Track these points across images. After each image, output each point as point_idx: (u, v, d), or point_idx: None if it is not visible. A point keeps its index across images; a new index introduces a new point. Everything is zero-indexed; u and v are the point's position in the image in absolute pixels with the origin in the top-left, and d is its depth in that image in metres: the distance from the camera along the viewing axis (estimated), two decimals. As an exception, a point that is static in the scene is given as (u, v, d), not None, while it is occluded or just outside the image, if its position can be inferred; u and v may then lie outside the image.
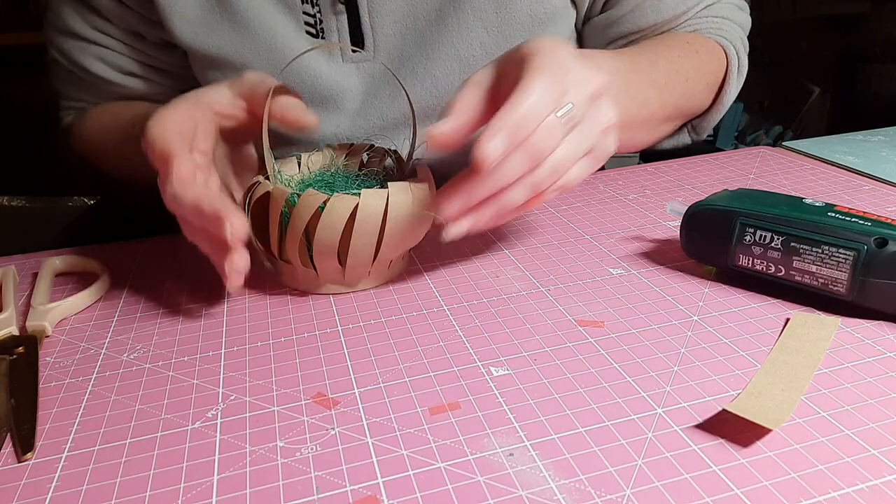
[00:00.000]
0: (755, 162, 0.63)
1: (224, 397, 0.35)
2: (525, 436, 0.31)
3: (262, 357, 0.38)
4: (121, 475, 0.30)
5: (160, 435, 0.32)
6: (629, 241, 0.49)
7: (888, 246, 0.36)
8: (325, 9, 0.56)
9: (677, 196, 0.56)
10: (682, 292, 0.42)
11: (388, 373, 0.36)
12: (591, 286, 0.43)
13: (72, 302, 0.44)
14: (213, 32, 0.57)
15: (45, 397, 0.36)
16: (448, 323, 0.40)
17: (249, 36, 0.56)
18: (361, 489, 0.28)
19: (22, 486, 0.30)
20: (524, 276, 0.45)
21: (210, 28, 0.57)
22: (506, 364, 0.36)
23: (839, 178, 0.58)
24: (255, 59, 0.57)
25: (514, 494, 0.27)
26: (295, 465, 0.30)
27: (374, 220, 0.40)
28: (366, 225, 0.40)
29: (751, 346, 0.36)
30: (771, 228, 0.39)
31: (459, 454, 0.30)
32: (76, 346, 0.40)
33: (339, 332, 0.40)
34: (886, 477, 0.27)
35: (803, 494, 0.27)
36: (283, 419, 0.33)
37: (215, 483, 0.29)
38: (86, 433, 0.33)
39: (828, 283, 0.38)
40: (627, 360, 0.35)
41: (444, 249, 0.49)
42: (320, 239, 0.40)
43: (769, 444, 0.29)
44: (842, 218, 0.38)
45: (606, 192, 0.58)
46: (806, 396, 0.32)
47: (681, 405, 0.32)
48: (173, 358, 0.38)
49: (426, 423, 0.32)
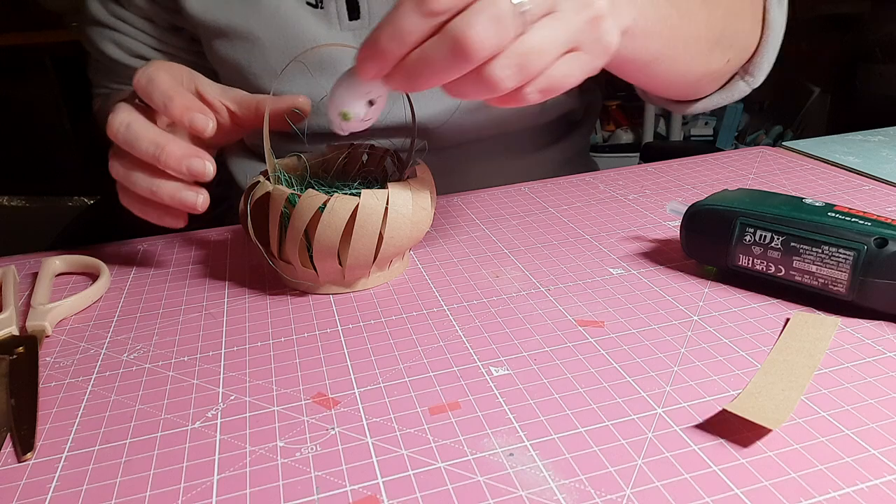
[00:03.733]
0: (755, 162, 0.63)
1: (224, 397, 0.35)
2: (525, 436, 0.31)
3: (262, 357, 0.38)
4: (121, 475, 0.30)
5: (160, 435, 0.32)
6: (629, 241, 0.49)
7: (888, 246, 0.36)
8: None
9: (677, 196, 0.56)
10: (682, 292, 0.42)
11: (388, 373, 0.36)
12: (591, 286, 0.43)
13: (72, 302, 0.43)
14: (222, 4, 0.60)
15: (45, 397, 0.36)
16: (448, 323, 0.40)
17: (255, 6, 0.60)
18: (361, 489, 0.28)
19: (22, 486, 0.30)
20: (524, 276, 0.45)
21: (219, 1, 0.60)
22: (506, 364, 0.36)
23: (839, 178, 0.58)
24: (262, 29, 0.60)
25: (514, 494, 0.27)
26: (295, 465, 0.30)
27: (374, 220, 0.40)
28: (366, 225, 0.40)
29: (751, 346, 0.36)
30: (771, 228, 0.39)
31: (459, 454, 0.30)
32: (76, 346, 0.40)
33: (339, 332, 0.40)
34: (886, 477, 0.27)
35: (803, 494, 0.27)
36: (283, 419, 0.33)
37: (215, 483, 0.29)
38: (86, 433, 0.33)
39: (828, 283, 0.38)
40: (627, 360, 0.35)
41: (444, 249, 0.49)
42: (320, 239, 0.40)
43: (769, 444, 0.29)
44: (842, 218, 0.38)
45: (606, 192, 0.58)
46: (806, 396, 0.32)
47: (681, 405, 0.32)
48: (173, 358, 0.38)
49: (426, 423, 0.32)
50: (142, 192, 0.43)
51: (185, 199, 0.42)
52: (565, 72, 0.35)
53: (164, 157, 0.41)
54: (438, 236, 0.52)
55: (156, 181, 0.42)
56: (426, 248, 0.50)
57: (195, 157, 0.41)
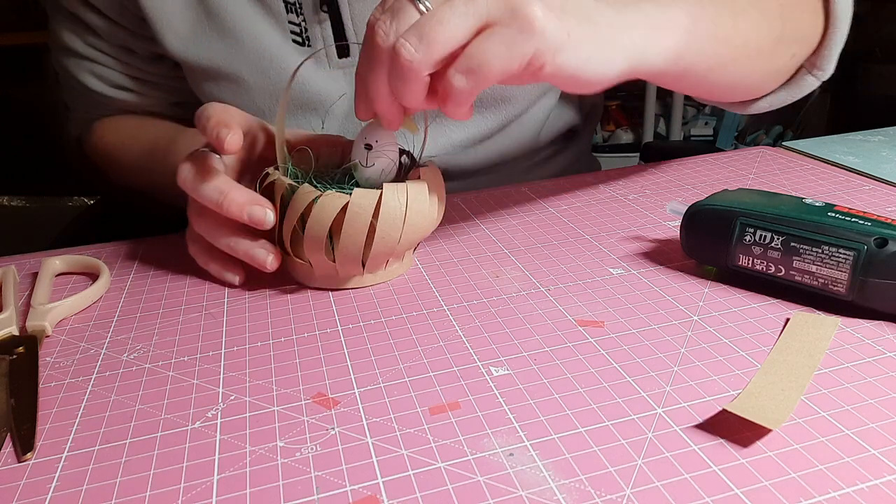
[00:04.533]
0: (755, 162, 0.63)
1: (224, 397, 0.35)
2: (525, 436, 0.31)
3: (262, 357, 0.38)
4: (121, 475, 0.30)
5: (160, 435, 0.32)
6: (629, 241, 0.49)
7: (888, 246, 0.36)
8: (308, 17, 0.57)
9: (677, 196, 0.56)
10: (682, 292, 0.42)
11: (388, 373, 0.36)
12: (591, 286, 0.43)
13: (72, 302, 0.43)
14: (203, 45, 0.58)
15: (45, 397, 0.36)
16: (448, 323, 0.40)
17: (238, 46, 0.58)
18: (361, 489, 0.28)
19: (22, 486, 0.30)
20: (524, 276, 0.45)
21: (200, 41, 0.58)
22: (506, 364, 0.36)
23: (839, 178, 0.58)
24: (245, 68, 0.58)
25: (514, 494, 0.27)
26: (295, 465, 0.30)
27: (362, 218, 0.40)
28: (354, 224, 0.40)
29: (751, 346, 0.36)
30: (771, 228, 0.39)
31: (459, 454, 0.30)
32: (76, 346, 0.40)
33: (339, 332, 0.40)
34: (886, 477, 0.27)
35: (803, 494, 0.27)
36: (283, 419, 0.33)
37: (215, 483, 0.29)
38: (86, 433, 0.33)
39: (828, 283, 0.38)
40: (627, 360, 0.35)
41: (444, 249, 0.49)
42: (309, 233, 0.41)
43: (769, 444, 0.29)
44: (842, 218, 0.38)
45: (606, 192, 0.58)
46: (806, 396, 0.32)
47: (681, 405, 0.32)
48: (173, 358, 0.38)
49: (426, 423, 0.32)
50: (222, 246, 0.45)
51: (257, 257, 0.44)
52: (485, 48, 0.34)
53: (227, 203, 0.42)
54: (438, 236, 0.52)
55: (234, 238, 0.44)
56: (426, 248, 0.50)
57: (256, 204, 0.42)
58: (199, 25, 0.58)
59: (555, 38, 0.35)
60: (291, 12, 0.57)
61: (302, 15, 0.57)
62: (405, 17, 0.35)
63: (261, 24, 0.57)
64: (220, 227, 0.44)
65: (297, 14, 0.57)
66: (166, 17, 0.58)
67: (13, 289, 0.45)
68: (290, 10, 0.57)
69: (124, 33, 0.62)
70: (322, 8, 0.57)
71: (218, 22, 0.57)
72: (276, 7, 0.57)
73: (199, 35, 0.58)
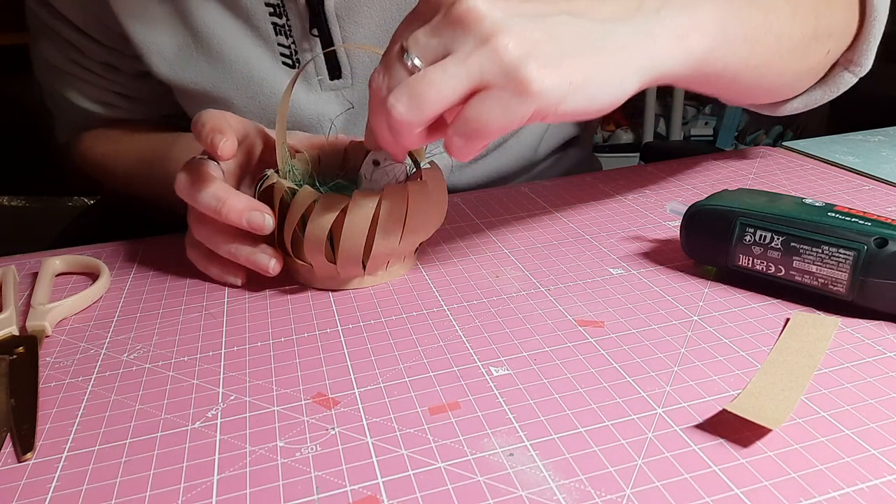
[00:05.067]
0: (755, 162, 0.63)
1: (224, 397, 0.35)
2: (525, 436, 0.31)
3: (262, 357, 0.38)
4: (121, 475, 0.30)
5: (160, 435, 0.32)
6: (629, 241, 0.49)
7: (888, 246, 0.36)
8: (298, 40, 0.56)
9: (677, 196, 0.56)
10: (682, 292, 0.42)
11: (388, 373, 0.36)
12: (591, 286, 0.43)
13: (72, 302, 0.43)
14: (190, 68, 0.57)
15: (45, 397, 0.36)
16: (448, 323, 0.40)
17: (226, 70, 0.57)
18: (361, 489, 0.28)
19: (22, 486, 0.30)
20: (524, 276, 0.45)
21: (187, 64, 0.57)
22: (506, 364, 0.36)
23: (839, 178, 0.58)
24: (234, 92, 0.58)
25: (514, 494, 0.27)
26: (295, 465, 0.30)
27: (361, 221, 0.40)
28: (353, 226, 0.40)
29: (751, 346, 0.36)
30: (771, 228, 0.39)
31: (459, 454, 0.30)
32: (76, 346, 0.40)
33: (339, 332, 0.40)
34: (886, 477, 0.27)
35: (803, 494, 0.27)
36: (283, 419, 0.33)
37: (215, 483, 0.29)
38: (86, 433, 0.33)
39: (828, 283, 0.38)
40: (627, 360, 0.35)
41: (444, 249, 0.49)
42: (309, 235, 0.41)
43: (769, 444, 0.29)
44: (842, 218, 0.38)
45: (606, 192, 0.58)
46: (806, 396, 0.32)
47: (681, 405, 0.32)
48: (173, 358, 0.38)
49: (426, 423, 0.32)
50: (223, 253, 0.45)
51: (259, 262, 0.44)
52: (480, 111, 0.33)
53: (226, 210, 0.42)
54: (438, 236, 0.52)
55: (235, 244, 0.44)
56: (426, 248, 0.50)
57: (255, 209, 0.42)
58: (186, 49, 0.57)
59: (555, 94, 0.34)
60: (281, 34, 0.56)
61: (292, 37, 0.56)
62: (395, 75, 0.35)
63: (250, 47, 0.56)
64: (220, 234, 0.44)
65: (286, 36, 0.56)
66: (152, 38, 0.56)
67: (13, 289, 0.45)
68: (280, 33, 0.56)
69: (108, 52, 0.61)
70: (312, 31, 0.55)
71: (205, 45, 0.56)
72: (266, 30, 0.56)
73: (186, 58, 0.57)
